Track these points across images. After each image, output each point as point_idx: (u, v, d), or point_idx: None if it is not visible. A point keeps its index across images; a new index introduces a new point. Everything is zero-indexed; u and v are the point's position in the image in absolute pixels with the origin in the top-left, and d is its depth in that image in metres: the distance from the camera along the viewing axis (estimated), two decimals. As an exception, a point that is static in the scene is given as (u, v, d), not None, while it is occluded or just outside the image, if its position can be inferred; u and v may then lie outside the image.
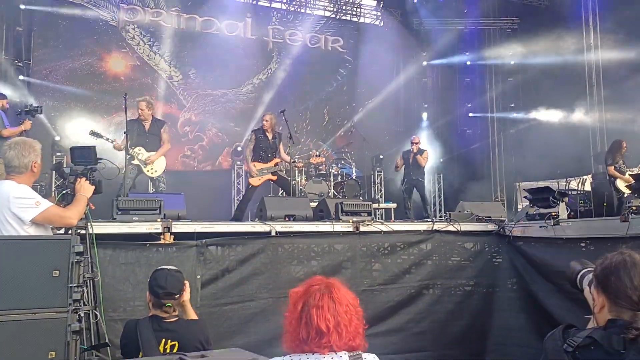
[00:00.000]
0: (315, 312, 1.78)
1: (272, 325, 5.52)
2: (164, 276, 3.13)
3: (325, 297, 1.83)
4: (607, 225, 6.09)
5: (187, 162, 12.94)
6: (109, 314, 4.57)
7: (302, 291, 1.88)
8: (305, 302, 1.82)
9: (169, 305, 3.09)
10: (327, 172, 11.06)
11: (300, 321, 1.79)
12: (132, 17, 12.70)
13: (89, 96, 11.97)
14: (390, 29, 15.46)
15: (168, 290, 3.08)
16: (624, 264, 1.81)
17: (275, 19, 14.67)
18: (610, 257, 1.88)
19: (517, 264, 6.68)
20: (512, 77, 15.22)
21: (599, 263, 1.91)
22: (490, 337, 6.70)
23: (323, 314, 1.78)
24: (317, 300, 1.82)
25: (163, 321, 3.10)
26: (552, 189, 7.05)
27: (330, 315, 1.79)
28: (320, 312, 1.79)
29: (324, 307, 1.80)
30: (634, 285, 1.77)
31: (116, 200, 5.29)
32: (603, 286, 1.85)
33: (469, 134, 15.65)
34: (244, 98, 13.84)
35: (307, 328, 1.77)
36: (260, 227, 5.89)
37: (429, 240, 6.68)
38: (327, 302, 1.82)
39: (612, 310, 1.81)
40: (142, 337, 3.02)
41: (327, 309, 1.80)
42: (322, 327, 1.76)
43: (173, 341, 3.05)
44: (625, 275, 1.79)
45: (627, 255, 1.84)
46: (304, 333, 1.77)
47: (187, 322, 3.20)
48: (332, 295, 1.84)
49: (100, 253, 4.49)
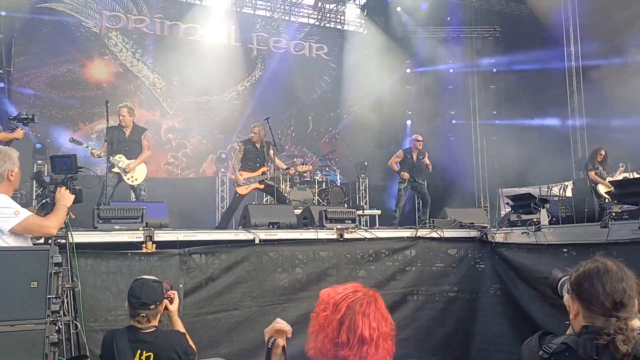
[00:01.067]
0: (361, 318, 1.72)
1: (256, 334, 5.49)
2: (139, 286, 3.11)
3: (372, 306, 1.77)
4: (587, 231, 6.17)
5: (170, 169, 12.87)
6: (90, 324, 4.50)
7: (344, 295, 1.79)
8: (349, 306, 1.75)
9: (142, 315, 3.06)
10: (311, 179, 11.06)
11: (342, 325, 1.72)
12: (115, 24, 12.62)
13: (71, 103, 11.87)
14: (374, 37, 15.56)
15: (142, 301, 3.06)
16: (597, 271, 1.84)
17: (259, 26, 14.69)
18: (584, 264, 1.91)
19: (500, 270, 6.73)
20: (495, 84, 15.39)
21: (574, 271, 1.94)
22: (474, 343, 6.73)
23: (369, 322, 1.72)
24: (364, 307, 1.75)
25: (139, 332, 3.07)
26: (534, 195, 7.12)
27: (376, 325, 1.74)
28: (367, 320, 1.73)
29: (370, 315, 1.74)
30: (607, 292, 1.79)
31: (97, 209, 5.23)
32: (577, 293, 1.88)
33: (453, 141, 15.76)
34: (228, 105, 13.81)
35: (349, 333, 1.70)
36: (244, 235, 5.86)
37: (413, 246, 6.70)
38: (373, 311, 1.76)
39: (586, 317, 1.84)
40: (117, 348, 3.00)
41: (373, 318, 1.74)
42: (366, 335, 1.70)
43: (148, 352, 3.01)
44: (597, 282, 1.82)
45: (600, 262, 1.87)
46: (345, 337, 1.70)
47: (164, 333, 3.17)
48: (378, 305, 1.79)
49: (81, 262, 4.43)
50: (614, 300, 1.78)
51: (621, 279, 1.81)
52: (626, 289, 1.80)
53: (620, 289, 1.80)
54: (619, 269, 1.85)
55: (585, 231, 6.24)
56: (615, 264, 1.87)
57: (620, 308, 1.78)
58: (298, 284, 5.89)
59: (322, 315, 1.78)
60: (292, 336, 6.28)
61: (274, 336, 1.81)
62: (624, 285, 1.80)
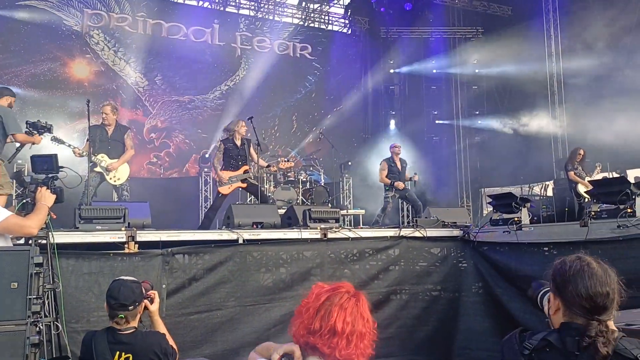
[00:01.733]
0: (337, 310, 1.74)
1: (239, 334, 5.49)
2: (117, 287, 3.09)
3: (352, 302, 1.78)
4: (567, 230, 6.27)
5: (153, 169, 12.78)
6: (72, 325, 4.46)
7: (330, 288, 1.82)
8: (329, 298, 1.77)
9: (121, 316, 3.04)
10: (295, 178, 11.06)
11: (318, 313, 1.74)
12: (97, 22, 12.50)
13: (52, 102, 11.73)
14: (358, 37, 15.62)
15: (120, 302, 3.04)
16: (582, 273, 1.83)
17: (243, 26, 14.65)
18: (568, 262, 1.90)
19: (482, 268, 6.79)
20: (477, 85, 15.54)
21: (556, 265, 1.92)
22: (456, 342, 6.78)
23: (343, 315, 1.73)
24: (342, 300, 1.77)
25: (118, 333, 3.05)
26: (515, 194, 7.19)
27: (350, 320, 1.74)
28: (342, 312, 1.74)
29: (347, 309, 1.75)
30: (589, 295, 1.79)
31: (79, 209, 5.18)
32: (560, 291, 1.87)
33: (436, 141, 15.88)
34: (212, 105, 13.76)
35: (322, 322, 1.72)
36: (228, 235, 5.84)
37: (397, 246, 6.73)
38: (351, 307, 1.77)
39: (566, 315, 1.85)
40: (96, 350, 2.98)
41: (349, 313, 1.75)
42: (338, 327, 1.71)
43: (127, 354, 2.99)
44: (581, 284, 1.81)
45: (585, 264, 1.86)
46: (317, 325, 1.72)
47: (143, 334, 3.15)
48: (358, 303, 1.80)
49: (62, 263, 4.39)
50: (596, 304, 1.79)
51: (605, 283, 1.81)
52: (609, 293, 1.80)
53: (604, 293, 1.80)
54: (604, 272, 1.84)
55: (565, 230, 6.34)
56: (600, 265, 1.86)
57: (602, 312, 1.79)
58: (282, 284, 5.89)
59: (304, 302, 1.81)
60: (276, 336, 6.30)
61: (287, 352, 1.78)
62: (607, 289, 1.81)
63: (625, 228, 5.32)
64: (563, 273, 1.88)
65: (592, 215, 5.84)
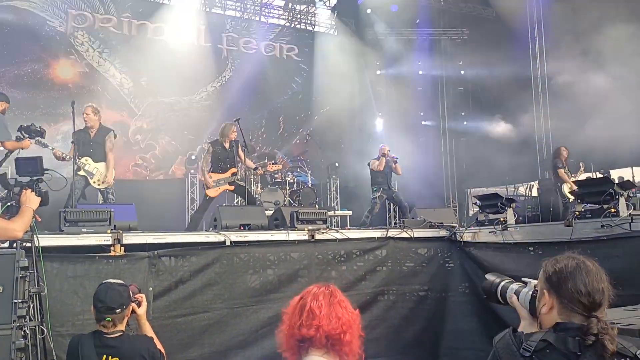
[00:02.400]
0: (310, 299, 1.95)
1: (226, 336, 5.47)
2: (104, 290, 3.07)
3: (324, 290, 1.99)
4: (552, 230, 6.33)
5: (138, 171, 12.68)
6: (57, 329, 4.41)
7: (304, 291, 2.04)
8: (303, 296, 2.00)
9: (108, 319, 3.02)
10: (282, 180, 11.05)
11: (296, 309, 1.96)
12: (81, 23, 12.38)
13: (35, 104, 11.59)
14: (344, 38, 15.63)
15: (107, 305, 3.02)
16: (578, 270, 1.85)
17: (229, 27, 14.60)
18: (562, 260, 1.91)
19: (468, 268, 6.84)
20: (463, 86, 15.64)
21: (550, 265, 1.93)
22: (443, 342, 6.82)
23: (318, 302, 1.93)
24: (315, 293, 1.98)
25: (104, 336, 3.04)
26: (501, 195, 7.26)
27: (325, 304, 1.93)
28: (316, 301, 1.94)
29: (319, 297, 1.95)
30: (588, 291, 1.81)
31: (64, 212, 5.13)
32: (556, 289, 1.87)
33: (422, 142, 15.95)
34: (198, 106, 13.69)
35: (301, 313, 1.92)
36: (215, 237, 5.82)
37: (384, 247, 6.75)
38: (323, 294, 1.97)
39: (562, 314, 1.85)
40: (82, 354, 2.96)
41: (322, 298, 1.95)
42: (315, 310, 1.90)
43: (114, 357, 2.98)
44: (580, 281, 1.82)
45: (581, 262, 1.87)
46: (297, 319, 1.92)
47: (131, 338, 3.14)
48: (331, 292, 2.00)
49: (47, 266, 4.34)
50: (594, 300, 1.80)
51: (601, 279, 1.84)
52: (604, 289, 1.83)
53: (600, 289, 1.82)
54: (597, 269, 1.86)
55: (550, 230, 6.41)
56: (593, 263, 1.88)
57: (598, 308, 1.80)
58: (269, 286, 5.89)
59: (286, 315, 2.03)
60: (264, 337, 6.29)
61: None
62: (602, 286, 1.83)
63: (609, 228, 5.39)
64: (560, 271, 1.88)
65: (577, 215, 5.91)
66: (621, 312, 3.16)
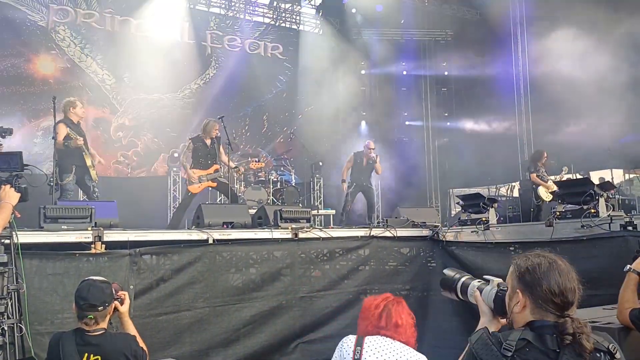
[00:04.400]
0: (394, 310, 2.69)
1: (208, 334, 5.44)
2: (87, 287, 3.03)
3: (401, 305, 2.76)
4: (533, 229, 6.41)
5: (120, 168, 12.55)
6: (35, 327, 4.34)
7: (381, 298, 2.78)
8: (386, 305, 2.72)
9: (90, 317, 2.98)
10: (266, 178, 11.01)
11: (382, 314, 2.68)
12: (63, 18, 12.22)
13: (15, 99, 11.41)
14: (329, 38, 15.64)
15: (90, 302, 2.98)
16: (552, 270, 1.85)
17: (213, 24, 14.52)
18: (533, 258, 1.89)
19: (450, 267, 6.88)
20: (446, 87, 15.75)
21: (522, 262, 1.92)
22: (425, 340, 6.81)
23: (399, 313, 2.69)
24: (395, 304, 2.73)
25: (86, 334, 2.99)
26: (483, 195, 7.32)
27: (404, 315, 2.71)
28: (397, 312, 2.70)
29: (400, 311, 2.71)
30: (561, 291, 1.81)
31: (43, 208, 5.05)
32: (530, 289, 1.86)
33: (406, 142, 16.03)
34: (181, 103, 13.59)
35: (387, 320, 2.66)
36: (197, 235, 5.78)
37: (367, 246, 6.77)
38: (402, 308, 2.74)
39: (536, 313, 1.85)
40: (64, 352, 2.91)
41: (402, 312, 2.71)
42: (398, 321, 2.66)
43: (96, 355, 2.94)
44: (554, 281, 1.82)
45: (553, 261, 1.87)
46: (384, 322, 2.66)
47: (113, 336, 3.10)
48: (403, 305, 2.77)
49: (26, 263, 4.28)
50: (567, 299, 1.81)
51: (572, 278, 1.84)
52: (575, 288, 1.83)
53: (572, 288, 1.82)
54: (568, 268, 1.87)
55: (531, 230, 6.49)
56: (563, 262, 1.88)
57: (570, 307, 1.81)
58: (252, 284, 5.87)
59: (365, 309, 2.77)
60: (246, 336, 6.27)
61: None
62: (574, 284, 1.83)
63: (588, 228, 5.47)
64: (533, 271, 1.87)
65: (557, 216, 5.99)
66: (600, 311, 3.21)
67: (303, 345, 6.09)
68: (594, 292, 4.71)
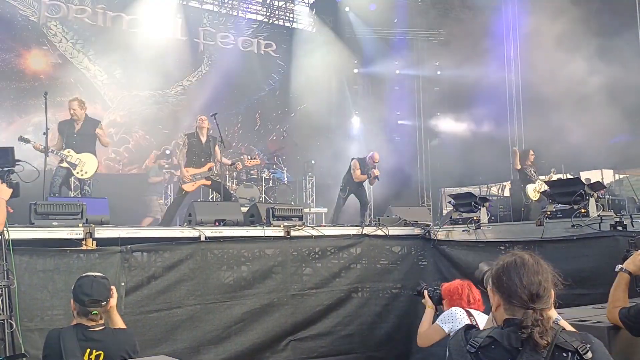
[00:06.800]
0: (473, 291, 3.69)
1: (199, 332, 5.44)
2: (89, 283, 3.02)
3: (473, 287, 3.67)
4: (524, 229, 6.45)
5: (111, 165, 12.47)
6: (25, 323, 4.33)
7: (458, 284, 3.81)
8: (463, 287, 3.74)
9: (95, 313, 2.97)
10: (258, 176, 11.01)
11: (469, 295, 3.68)
12: (55, 13, 12.13)
13: (5, 95, 11.32)
14: (322, 36, 15.62)
15: (94, 298, 2.97)
16: (514, 265, 1.90)
17: (206, 21, 14.47)
18: (503, 258, 1.97)
19: (442, 266, 6.91)
20: (439, 86, 15.78)
21: (497, 263, 1.99)
22: (416, 338, 6.87)
23: (475, 293, 3.68)
24: (472, 288, 3.69)
25: (88, 330, 2.98)
26: (475, 194, 7.35)
27: (477, 294, 3.69)
28: (474, 293, 3.69)
29: (475, 292, 3.68)
30: (523, 285, 1.85)
31: (34, 204, 5.03)
32: (497, 286, 1.93)
33: (398, 141, 16.05)
34: (173, 100, 13.54)
35: (473, 298, 3.68)
36: (189, 232, 5.78)
37: (359, 244, 6.79)
38: (474, 289, 3.66)
39: (507, 309, 1.89)
40: (65, 347, 2.88)
41: (476, 292, 3.68)
42: (477, 297, 3.69)
43: (98, 351, 2.93)
44: (515, 275, 1.87)
45: (517, 256, 1.92)
46: (472, 300, 3.67)
47: (114, 331, 3.09)
48: (473, 287, 3.69)
49: (16, 260, 4.26)
50: (530, 292, 1.84)
51: (537, 272, 1.87)
52: (541, 281, 1.86)
53: (536, 282, 1.85)
54: (535, 262, 1.90)
55: (522, 229, 6.53)
56: (532, 257, 1.93)
57: (536, 300, 1.83)
58: (243, 282, 5.87)
59: (451, 292, 3.83)
60: (237, 333, 6.27)
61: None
62: (539, 278, 1.86)
63: (579, 227, 5.51)
64: (498, 268, 1.94)
65: (548, 215, 6.03)
66: (590, 310, 3.24)
67: (294, 342, 6.10)
68: (585, 291, 4.78)
